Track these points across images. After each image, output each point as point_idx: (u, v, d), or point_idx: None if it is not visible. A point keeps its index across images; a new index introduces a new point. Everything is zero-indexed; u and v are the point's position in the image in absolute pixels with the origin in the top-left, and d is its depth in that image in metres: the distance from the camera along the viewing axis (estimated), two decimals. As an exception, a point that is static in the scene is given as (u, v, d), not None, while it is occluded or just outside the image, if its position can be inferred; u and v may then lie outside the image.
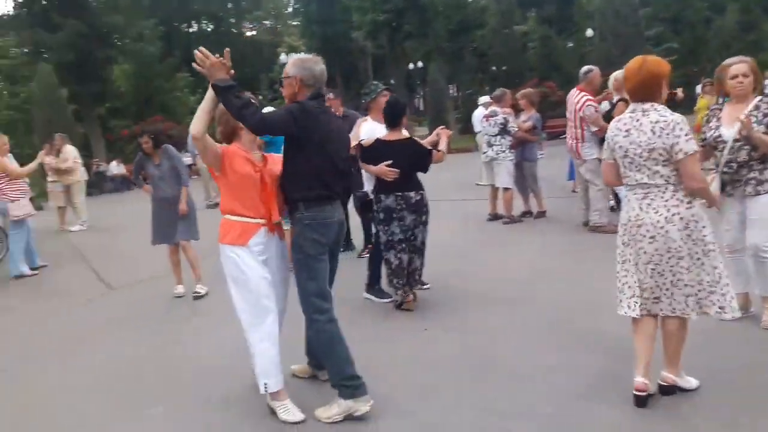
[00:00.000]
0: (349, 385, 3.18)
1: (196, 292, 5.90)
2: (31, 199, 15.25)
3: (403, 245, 4.78)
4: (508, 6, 34.66)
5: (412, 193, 4.75)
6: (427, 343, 4.24)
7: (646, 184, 3.00)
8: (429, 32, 33.08)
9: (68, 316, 5.94)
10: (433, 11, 32.08)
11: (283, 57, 31.70)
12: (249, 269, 3.20)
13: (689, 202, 2.96)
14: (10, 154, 8.80)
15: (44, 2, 24.24)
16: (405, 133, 4.89)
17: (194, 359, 4.34)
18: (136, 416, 3.54)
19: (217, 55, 2.98)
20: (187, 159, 21.82)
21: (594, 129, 6.85)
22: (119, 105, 26.34)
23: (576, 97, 7.07)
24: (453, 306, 4.94)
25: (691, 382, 3.12)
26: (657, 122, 2.93)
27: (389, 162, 4.69)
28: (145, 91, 26.22)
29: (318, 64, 3.25)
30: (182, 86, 30.25)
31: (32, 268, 7.93)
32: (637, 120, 2.99)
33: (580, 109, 6.95)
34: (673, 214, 2.93)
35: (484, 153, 8.25)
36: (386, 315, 4.93)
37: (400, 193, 4.73)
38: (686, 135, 2.88)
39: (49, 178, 12.12)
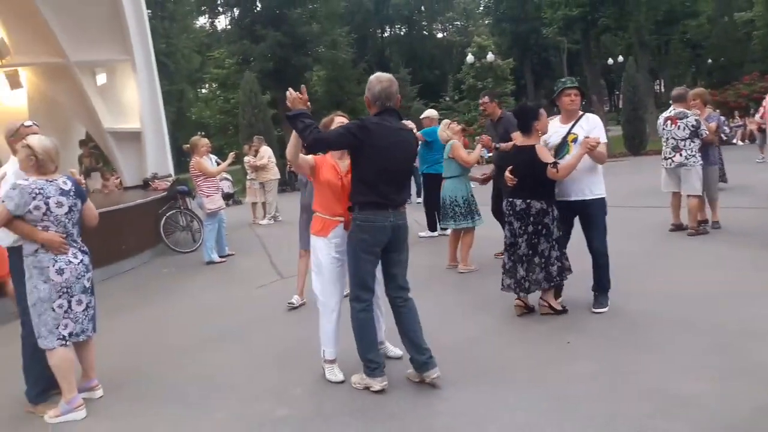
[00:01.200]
0: (370, 366, 3.69)
1: (290, 302, 5.82)
2: (233, 195, 17.13)
3: (510, 250, 4.76)
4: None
5: (518, 201, 4.63)
6: (565, 356, 4.00)
7: None
8: (629, 25, 30.82)
9: (243, 301, 6.50)
10: (634, 2, 29.76)
11: (470, 57, 31.72)
12: (324, 257, 3.85)
13: None
14: (211, 155, 9.94)
15: (253, 15, 26.93)
16: (533, 140, 4.65)
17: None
18: (282, 393, 3.87)
19: (297, 93, 3.59)
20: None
21: None
22: (313, 109, 28.25)
23: None
24: (608, 322, 4.54)
25: None
26: None
27: (510, 167, 4.67)
28: (337, 95, 27.92)
29: (379, 83, 3.61)
30: (372, 90, 31.63)
31: (221, 256, 8.84)
32: None
33: None
34: None
35: (668, 158, 7.30)
36: (534, 320, 4.73)
37: (510, 199, 4.71)
38: None
39: (248, 176, 13.41)
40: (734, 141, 18.01)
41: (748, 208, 7.63)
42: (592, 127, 4.74)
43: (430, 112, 9.47)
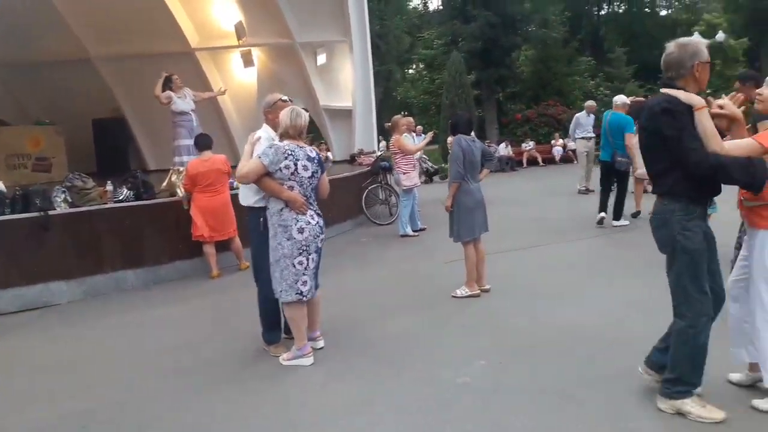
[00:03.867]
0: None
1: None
2: (437, 172, 17.54)
3: None
4: None
5: None
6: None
7: None
8: None
9: (433, 273, 6.87)
10: None
11: (695, 36, 28.74)
12: None
13: None
14: (411, 133, 10.34)
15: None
16: None
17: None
18: (466, 363, 4.10)
19: None
20: (561, 142, 22.01)
21: None
22: (519, 90, 27.75)
23: None
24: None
25: None
26: None
27: None
28: (544, 75, 27.00)
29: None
30: (582, 70, 30.17)
31: (414, 230, 9.24)
32: None
33: None
34: None
35: None
36: None
37: None
38: None
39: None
40: None
41: None
42: None
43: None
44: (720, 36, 27.42)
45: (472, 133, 6.07)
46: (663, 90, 3.13)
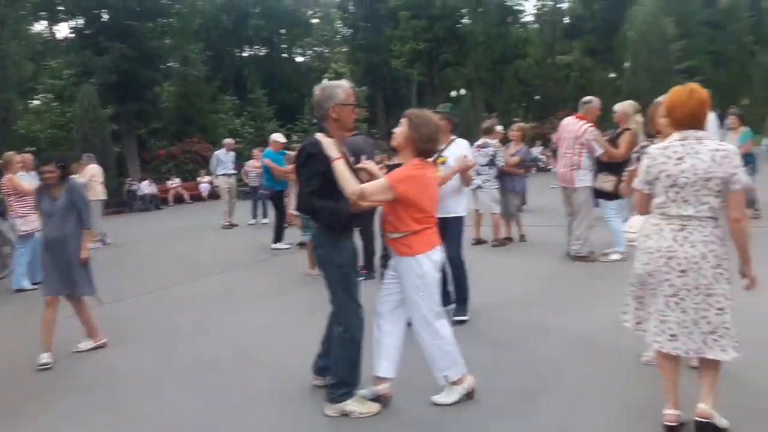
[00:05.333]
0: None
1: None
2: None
3: None
4: (551, 37, 35.42)
5: None
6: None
7: (687, 216, 2.91)
8: (468, 62, 33.60)
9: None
10: (472, 41, 32.51)
11: (325, 82, 32.39)
12: None
13: (723, 241, 2.89)
14: (28, 173, 9.17)
15: (98, 26, 25.44)
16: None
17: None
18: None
19: None
20: (207, 179, 22.47)
21: (598, 154, 6.74)
22: (159, 125, 27.20)
23: (575, 125, 6.94)
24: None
25: (722, 421, 2.94)
26: (717, 150, 2.86)
27: None
28: (188, 111, 27.03)
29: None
30: (226, 108, 31.02)
31: (34, 283, 8.09)
32: (692, 148, 2.90)
33: (582, 135, 6.82)
34: (710, 251, 2.86)
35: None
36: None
37: None
38: (742, 166, 2.87)
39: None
40: (550, 167, 19.86)
41: (545, 226, 9.37)
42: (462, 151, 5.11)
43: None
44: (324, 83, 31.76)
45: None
46: (317, 134, 3.46)
